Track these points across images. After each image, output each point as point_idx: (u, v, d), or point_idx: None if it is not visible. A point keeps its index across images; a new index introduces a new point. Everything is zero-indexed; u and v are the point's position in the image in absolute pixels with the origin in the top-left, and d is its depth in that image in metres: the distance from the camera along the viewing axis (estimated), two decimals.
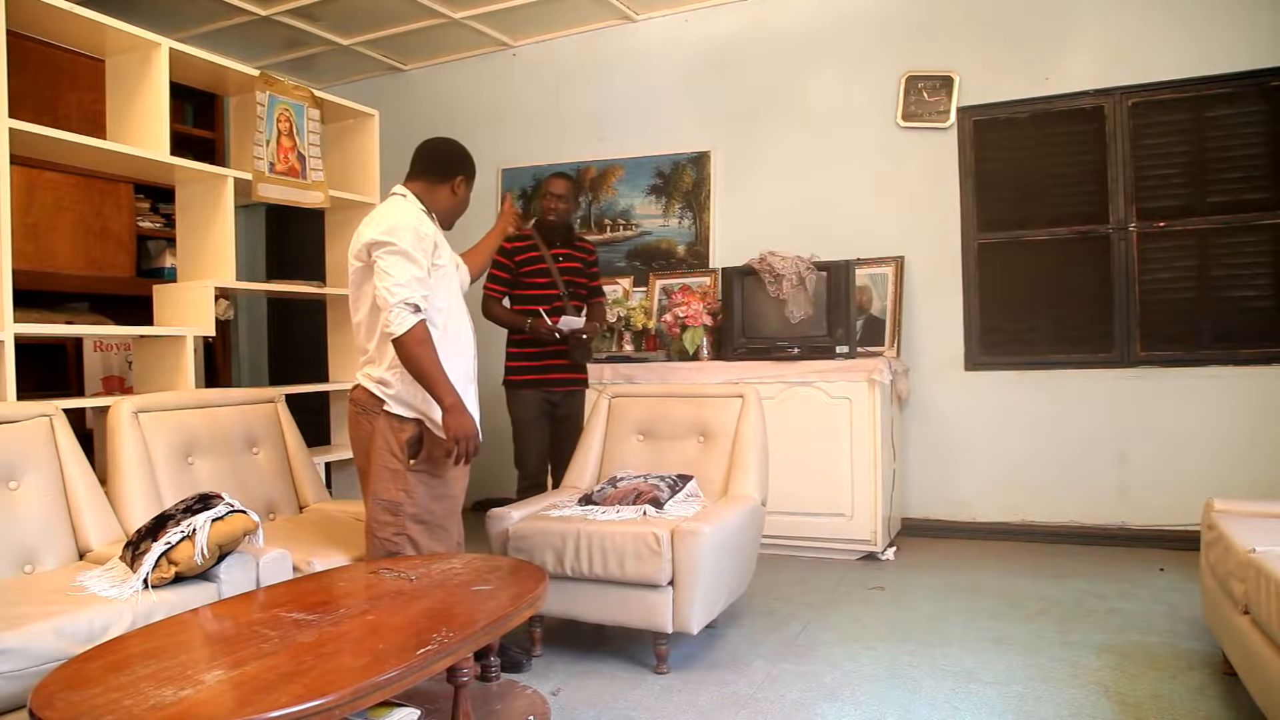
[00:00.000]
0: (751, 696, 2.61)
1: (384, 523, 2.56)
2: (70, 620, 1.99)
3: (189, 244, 3.70)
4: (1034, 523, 4.59)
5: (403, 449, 2.52)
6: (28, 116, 2.96)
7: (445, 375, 2.45)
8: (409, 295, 2.41)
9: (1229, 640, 2.39)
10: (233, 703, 1.44)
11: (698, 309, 4.69)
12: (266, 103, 3.73)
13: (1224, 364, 4.26)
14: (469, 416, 2.47)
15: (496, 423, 4.90)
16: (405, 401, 2.52)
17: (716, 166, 5.31)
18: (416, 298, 2.42)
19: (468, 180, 2.72)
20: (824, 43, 5.03)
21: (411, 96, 6.06)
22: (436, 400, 2.46)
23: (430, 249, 2.50)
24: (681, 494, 3.10)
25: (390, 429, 2.54)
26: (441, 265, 2.56)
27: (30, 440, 2.56)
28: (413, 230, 2.46)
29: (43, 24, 3.18)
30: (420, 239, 2.47)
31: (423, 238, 2.48)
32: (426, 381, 2.44)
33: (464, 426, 2.45)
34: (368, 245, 2.46)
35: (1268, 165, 4.21)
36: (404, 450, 2.52)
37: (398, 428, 2.53)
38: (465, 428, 2.45)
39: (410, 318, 2.40)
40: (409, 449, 2.52)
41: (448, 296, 2.60)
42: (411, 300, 2.41)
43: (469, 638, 1.80)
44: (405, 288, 2.41)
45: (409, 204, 2.58)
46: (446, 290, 2.59)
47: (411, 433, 2.52)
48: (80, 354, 4.66)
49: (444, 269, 2.58)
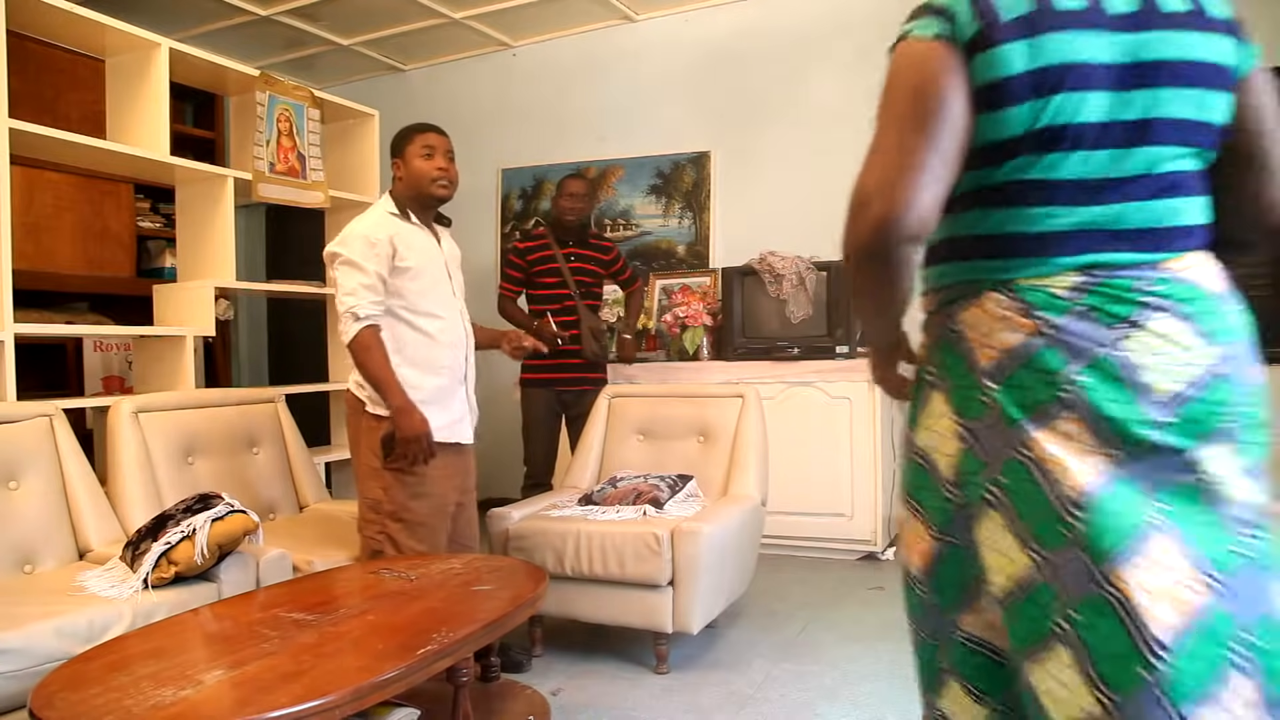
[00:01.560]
0: (751, 696, 2.62)
1: (368, 521, 2.59)
2: (70, 620, 1.99)
3: (189, 244, 3.70)
4: None
5: (380, 447, 2.54)
6: (28, 116, 2.96)
7: (392, 378, 2.47)
8: (353, 304, 2.45)
9: None
10: (233, 703, 1.44)
11: (698, 309, 4.69)
12: (266, 103, 3.73)
13: None
14: (418, 417, 2.47)
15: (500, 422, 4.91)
16: (379, 401, 2.54)
17: (716, 166, 5.31)
18: (360, 305, 2.45)
19: (401, 153, 2.64)
20: (824, 43, 5.03)
21: (411, 96, 6.06)
22: (385, 403, 2.49)
23: (386, 254, 2.50)
24: (681, 494, 3.10)
25: (369, 428, 2.56)
26: (409, 267, 2.54)
27: (30, 440, 2.57)
28: (361, 239, 2.49)
29: (43, 24, 3.18)
30: (371, 245, 2.48)
31: (374, 244, 2.48)
32: (373, 384, 2.49)
33: (412, 427, 2.46)
34: (328, 258, 2.55)
35: None
36: (381, 448, 2.54)
37: (375, 426, 2.55)
38: (413, 428, 2.46)
39: (353, 325, 2.44)
40: (384, 446, 2.53)
41: (428, 296, 2.59)
42: (355, 310, 2.44)
43: (469, 638, 1.80)
44: (351, 296, 2.45)
45: (372, 211, 2.62)
46: (425, 290, 2.59)
47: (386, 430, 2.53)
48: (80, 354, 4.66)
49: (415, 271, 2.56)
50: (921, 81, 1.17)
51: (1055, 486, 1.14)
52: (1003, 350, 1.20)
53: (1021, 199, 1.20)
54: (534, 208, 5.78)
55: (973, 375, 1.23)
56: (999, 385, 1.20)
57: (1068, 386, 1.15)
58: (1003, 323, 1.20)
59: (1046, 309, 1.17)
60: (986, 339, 1.21)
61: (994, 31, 1.15)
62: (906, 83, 1.19)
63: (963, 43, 1.16)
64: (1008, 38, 1.14)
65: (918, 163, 1.14)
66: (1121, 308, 1.16)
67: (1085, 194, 1.18)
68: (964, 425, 1.24)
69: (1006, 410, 1.19)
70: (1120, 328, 1.15)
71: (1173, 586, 1.07)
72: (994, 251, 1.22)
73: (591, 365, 4.00)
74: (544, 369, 3.94)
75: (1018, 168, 1.19)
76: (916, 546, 1.34)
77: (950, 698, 1.36)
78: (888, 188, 1.14)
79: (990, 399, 1.20)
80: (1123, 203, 1.18)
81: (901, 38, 1.23)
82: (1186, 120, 1.19)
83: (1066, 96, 1.14)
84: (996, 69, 1.15)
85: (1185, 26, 1.19)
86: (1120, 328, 1.15)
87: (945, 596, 1.32)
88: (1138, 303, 1.16)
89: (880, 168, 1.16)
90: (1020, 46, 1.14)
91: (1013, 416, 1.18)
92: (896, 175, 1.14)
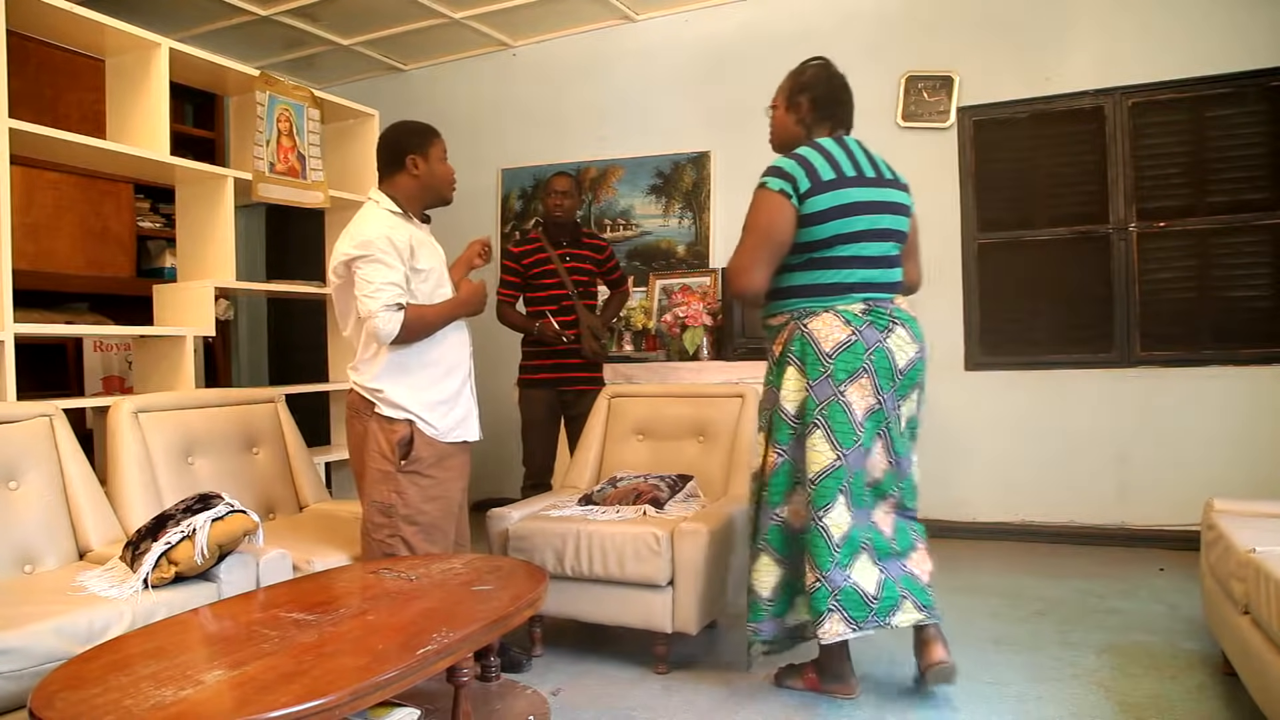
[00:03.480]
0: (751, 696, 2.62)
1: (378, 524, 2.56)
2: (70, 620, 1.99)
3: (189, 244, 3.70)
4: (1034, 523, 4.59)
5: (393, 450, 2.52)
6: (28, 116, 2.96)
7: (445, 307, 2.58)
8: (388, 297, 2.42)
9: (1229, 640, 2.40)
10: (233, 703, 1.44)
11: (698, 309, 4.69)
12: (266, 103, 3.73)
13: (1224, 364, 4.27)
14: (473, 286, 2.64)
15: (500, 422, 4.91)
16: (395, 403, 2.53)
17: (716, 166, 5.31)
18: (400, 295, 2.44)
19: (423, 152, 2.60)
20: (824, 43, 5.00)
21: (411, 96, 6.06)
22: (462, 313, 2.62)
23: (407, 254, 2.49)
24: (681, 494, 3.10)
25: (381, 430, 2.54)
26: (423, 269, 2.55)
27: (30, 440, 2.56)
28: (385, 239, 2.46)
29: (43, 24, 3.18)
30: (395, 246, 2.47)
31: (397, 245, 2.47)
32: (444, 322, 2.57)
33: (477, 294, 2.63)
34: (345, 261, 2.48)
35: (1268, 165, 4.21)
36: (395, 451, 2.52)
37: (388, 429, 2.53)
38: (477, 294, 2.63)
39: (396, 315, 2.43)
40: (399, 450, 2.52)
41: (436, 296, 2.59)
42: (397, 300, 2.43)
43: (469, 638, 1.80)
44: (383, 291, 2.42)
45: (379, 211, 2.56)
46: (434, 290, 2.59)
47: (402, 433, 2.52)
48: (80, 354, 4.66)
49: (427, 273, 2.56)
50: (769, 219, 2.42)
51: (853, 414, 2.38)
52: (835, 342, 2.37)
53: (836, 265, 2.43)
54: (534, 208, 5.78)
55: (817, 355, 2.38)
56: (833, 360, 2.37)
57: (865, 362, 2.39)
58: (834, 327, 2.39)
59: (853, 321, 2.40)
60: (827, 336, 2.38)
61: (816, 188, 2.40)
62: (762, 217, 2.43)
63: (799, 192, 2.40)
64: (821, 191, 2.40)
65: (758, 260, 2.43)
66: (883, 322, 2.42)
67: (861, 264, 2.43)
68: (809, 383, 2.39)
69: (835, 374, 2.37)
70: (884, 333, 2.41)
71: (879, 458, 2.44)
72: (823, 292, 2.43)
73: (591, 365, 4.00)
74: (543, 369, 3.94)
75: (831, 250, 2.41)
76: (768, 460, 2.48)
77: (761, 564, 2.52)
78: (743, 272, 2.45)
79: (827, 368, 2.37)
80: (877, 269, 2.46)
81: (763, 185, 2.44)
82: (897, 230, 2.50)
83: (850, 219, 2.41)
84: (817, 206, 2.40)
85: (893, 185, 2.52)
86: (884, 333, 2.41)
87: (773, 495, 2.48)
88: (889, 321, 2.43)
89: (741, 259, 2.46)
90: (828, 195, 2.40)
91: (838, 377, 2.37)
92: (749, 264, 2.44)
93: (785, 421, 2.43)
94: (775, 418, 2.45)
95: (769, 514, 2.49)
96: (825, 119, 2.56)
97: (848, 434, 2.36)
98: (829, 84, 2.57)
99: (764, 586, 2.51)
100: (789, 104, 2.60)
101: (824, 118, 2.55)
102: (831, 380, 2.35)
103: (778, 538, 2.49)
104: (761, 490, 2.51)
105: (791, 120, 2.58)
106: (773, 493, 2.47)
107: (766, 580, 2.51)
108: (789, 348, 2.43)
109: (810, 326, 2.39)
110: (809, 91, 2.56)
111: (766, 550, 2.50)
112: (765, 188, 2.42)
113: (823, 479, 2.36)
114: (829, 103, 2.55)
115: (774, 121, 2.67)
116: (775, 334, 2.52)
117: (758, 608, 2.52)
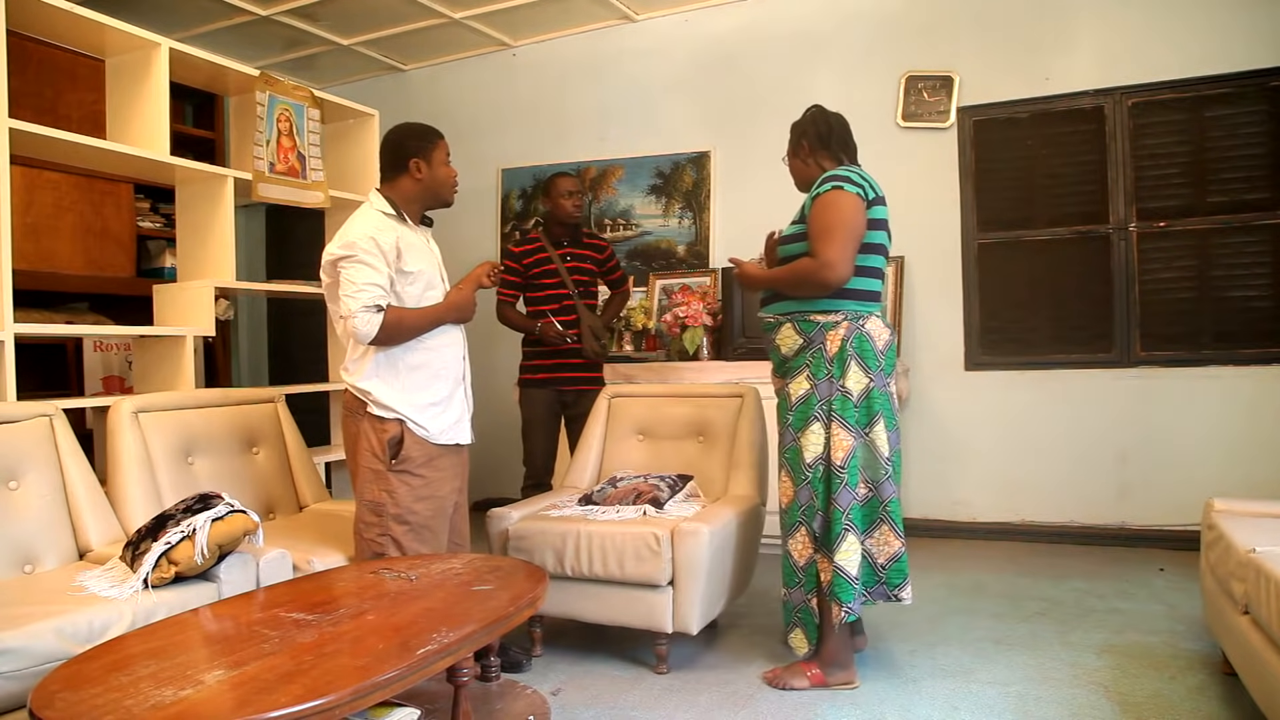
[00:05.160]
0: (751, 696, 2.62)
1: (368, 524, 2.57)
2: (70, 620, 1.99)
3: (189, 244, 3.70)
4: (1034, 523, 4.59)
5: (384, 449, 2.53)
6: (28, 116, 2.96)
7: (430, 309, 2.57)
8: (368, 298, 2.42)
9: (1229, 640, 2.40)
10: (233, 703, 1.44)
11: (698, 309, 4.69)
12: (266, 103, 3.73)
13: (1224, 364, 4.27)
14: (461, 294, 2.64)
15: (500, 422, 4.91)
16: (385, 403, 2.53)
17: (716, 166, 5.31)
18: (380, 297, 2.44)
19: (425, 155, 2.60)
20: (824, 43, 5.03)
21: (411, 96, 6.06)
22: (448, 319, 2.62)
23: (393, 256, 2.49)
24: (681, 494, 3.10)
25: (372, 429, 2.54)
26: (411, 272, 2.54)
27: (30, 440, 2.56)
28: (369, 239, 2.45)
29: (43, 24, 3.17)
30: (380, 247, 2.46)
31: (383, 246, 2.46)
32: (427, 328, 2.56)
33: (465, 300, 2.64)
34: (331, 261, 2.49)
35: (1268, 165, 4.21)
36: (385, 450, 2.53)
37: (379, 428, 2.54)
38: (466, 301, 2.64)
39: (375, 316, 2.42)
40: (390, 449, 2.52)
41: (426, 299, 2.59)
42: (376, 301, 2.43)
43: (468, 638, 1.80)
44: (365, 291, 2.42)
45: (369, 212, 2.55)
46: (423, 293, 2.58)
47: (393, 433, 2.53)
48: (80, 354, 4.66)
49: (415, 275, 2.55)
50: (857, 217, 2.65)
51: (893, 399, 2.72)
52: (884, 342, 2.70)
53: (871, 274, 2.72)
54: (534, 208, 5.78)
55: (874, 352, 2.67)
56: (884, 355, 2.70)
57: (894, 356, 2.80)
58: (881, 328, 2.71)
59: (887, 325, 2.76)
60: (878, 336, 2.69)
61: (872, 200, 2.68)
62: (850, 215, 2.64)
63: (867, 199, 2.66)
64: (875, 204, 2.69)
65: (852, 254, 2.64)
66: (888, 326, 2.76)
67: (881, 276, 2.78)
68: (869, 374, 2.66)
69: (885, 367, 2.70)
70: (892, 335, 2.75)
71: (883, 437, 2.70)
72: (870, 297, 2.73)
73: (591, 365, 4.00)
74: (544, 369, 3.94)
75: (870, 258, 2.71)
76: (843, 446, 2.64)
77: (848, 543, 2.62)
78: (842, 263, 2.62)
79: (880, 363, 2.68)
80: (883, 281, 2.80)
81: (839, 187, 2.64)
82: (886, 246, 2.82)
83: (883, 234, 2.73)
84: (875, 215, 2.69)
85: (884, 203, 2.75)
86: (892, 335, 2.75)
87: (853, 475, 2.64)
88: (888, 324, 2.78)
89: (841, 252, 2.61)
90: (877, 208, 2.70)
91: (887, 371, 2.70)
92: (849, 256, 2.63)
93: (854, 407, 2.64)
94: (841, 404, 2.64)
95: (850, 494, 2.62)
96: (824, 149, 2.82)
97: (892, 418, 2.71)
98: (823, 122, 2.84)
99: (853, 564, 2.60)
100: (794, 150, 2.91)
101: (823, 149, 2.83)
102: (884, 374, 2.68)
103: (860, 515, 2.65)
104: (834, 475, 2.63)
105: (800, 163, 2.89)
106: (851, 474, 2.62)
107: (854, 559, 2.60)
108: (849, 344, 2.65)
109: (867, 327, 2.67)
110: (805, 134, 2.86)
111: (852, 529, 2.61)
112: (843, 190, 2.62)
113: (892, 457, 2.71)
114: (825, 136, 2.82)
115: (791, 170, 2.95)
116: (827, 330, 2.68)
117: (848, 587, 2.58)
